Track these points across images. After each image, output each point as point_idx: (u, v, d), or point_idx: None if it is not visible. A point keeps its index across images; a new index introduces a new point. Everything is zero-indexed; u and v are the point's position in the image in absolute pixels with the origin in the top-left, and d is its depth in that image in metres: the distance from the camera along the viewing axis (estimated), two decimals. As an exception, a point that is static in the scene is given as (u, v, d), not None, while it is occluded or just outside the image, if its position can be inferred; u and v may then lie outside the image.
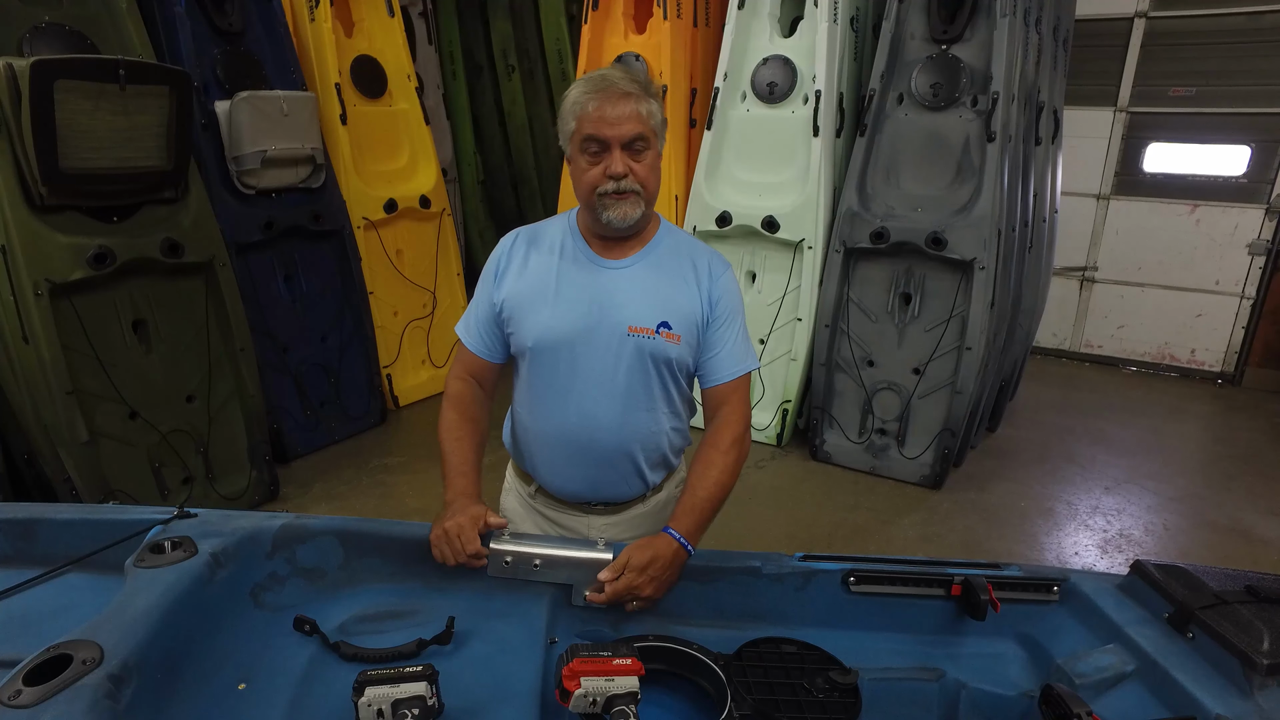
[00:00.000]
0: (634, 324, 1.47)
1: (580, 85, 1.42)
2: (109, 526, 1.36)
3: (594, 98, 1.39)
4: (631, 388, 1.49)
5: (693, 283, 1.52)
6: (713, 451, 1.50)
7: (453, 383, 1.60)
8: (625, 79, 1.41)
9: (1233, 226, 5.50)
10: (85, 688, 0.92)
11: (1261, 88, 5.23)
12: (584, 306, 1.48)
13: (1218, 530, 3.72)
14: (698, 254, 1.57)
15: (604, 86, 1.39)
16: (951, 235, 3.68)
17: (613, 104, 1.38)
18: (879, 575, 1.38)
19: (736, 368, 1.54)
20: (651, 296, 1.49)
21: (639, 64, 4.49)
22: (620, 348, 1.47)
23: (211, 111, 3.56)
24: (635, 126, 1.39)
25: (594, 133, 1.39)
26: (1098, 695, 1.18)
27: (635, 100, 1.39)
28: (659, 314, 1.48)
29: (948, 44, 3.80)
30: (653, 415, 1.53)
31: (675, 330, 1.48)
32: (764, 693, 1.18)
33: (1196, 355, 5.85)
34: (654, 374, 1.50)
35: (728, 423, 1.53)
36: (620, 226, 1.45)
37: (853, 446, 4.20)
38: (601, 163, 1.41)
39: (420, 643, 1.23)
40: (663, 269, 1.53)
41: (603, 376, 1.48)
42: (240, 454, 3.51)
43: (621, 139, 1.39)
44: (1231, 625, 1.16)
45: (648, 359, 1.48)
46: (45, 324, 2.74)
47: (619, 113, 1.38)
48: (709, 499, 1.46)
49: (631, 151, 1.41)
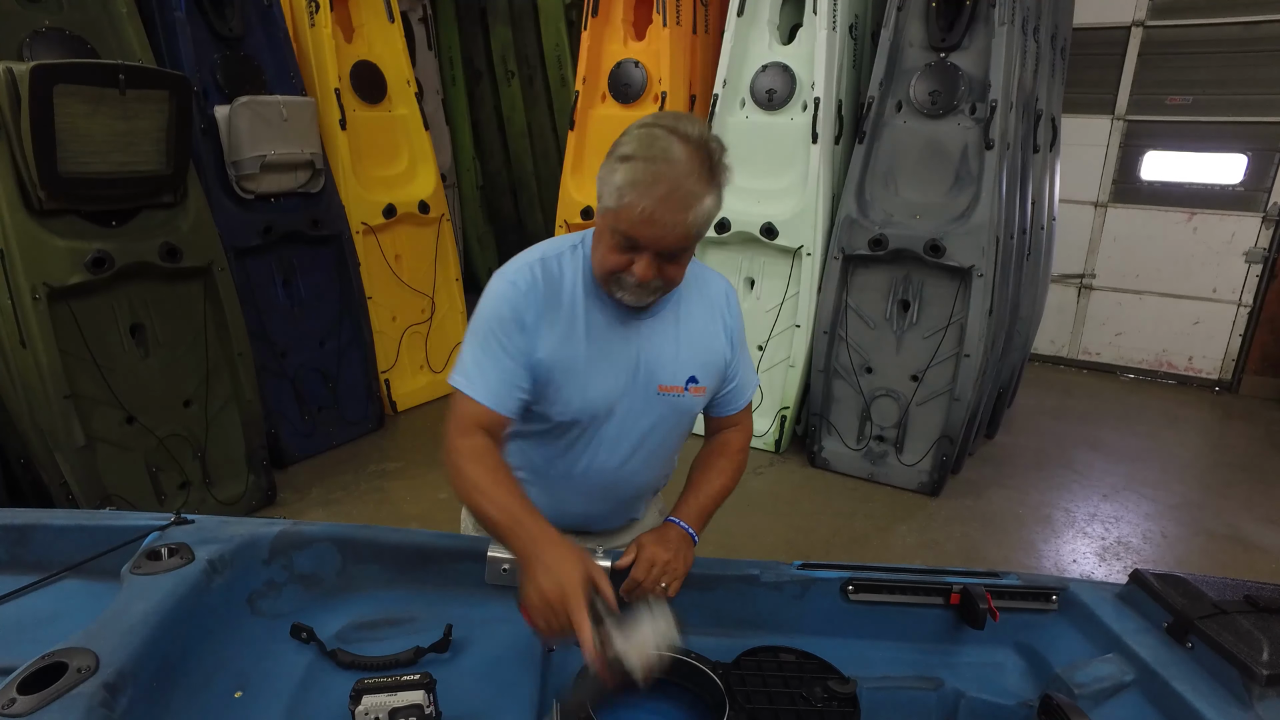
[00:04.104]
0: (664, 383, 1.36)
1: (641, 166, 1.13)
2: (105, 533, 1.35)
3: (651, 196, 1.12)
4: (653, 445, 1.42)
5: (716, 321, 1.41)
6: (721, 459, 1.47)
7: (463, 440, 1.26)
8: (696, 175, 1.14)
9: (1230, 234, 5.52)
10: (80, 696, 0.91)
11: (1258, 96, 5.25)
12: (619, 370, 1.33)
13: (1215, 538, 3.72)
14: (710, 283, 1.44)
15: (669, 189, 1.12)
16: (950, 242, 3.69)
17: (670, 210, 1.13)
18: (878, 584, 1.38)
19: (747, 396, 1.50)
20: (680, 349, 1.37)
21: (638, 71, 4.50)
22: (647, 407, 1.37)
23: (211, 116, 3.56)
24: (682, 240, 1.18)
25: (631, 234, 1.16)
26: (1097, 705, 1.18)
27: (696, 207, 1.15)
28: (688, 369, 1.38)
29: (946, 52, 3.81)
30: (662, 463, 1.50)
31: (702, 383, 1.40)
32: (762, 702, 1.17)
33: (1194, 363, 5.86)
34: (676, 430, 1.44)
35: (736, 434, 1.51)
36: (633, 306, 1.29)
37: (851, 453, 4.19)
38: (628, 257, 1.20)
39: (418, 651, 1.22)
40: (687, 312, 1.38)
41: (628, 436, 1.39)
42: (238, 459, 3.50)
43: (661, 249, 1.18)
44: (1231, 635, 1.15)
45: (676, 418, 1.42)
46: (43, 328, 2.74)
47: (672, 220, 1.14)
48: (713, 500, 1.43)
49: (666, 258, 1.21)
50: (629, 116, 4.53)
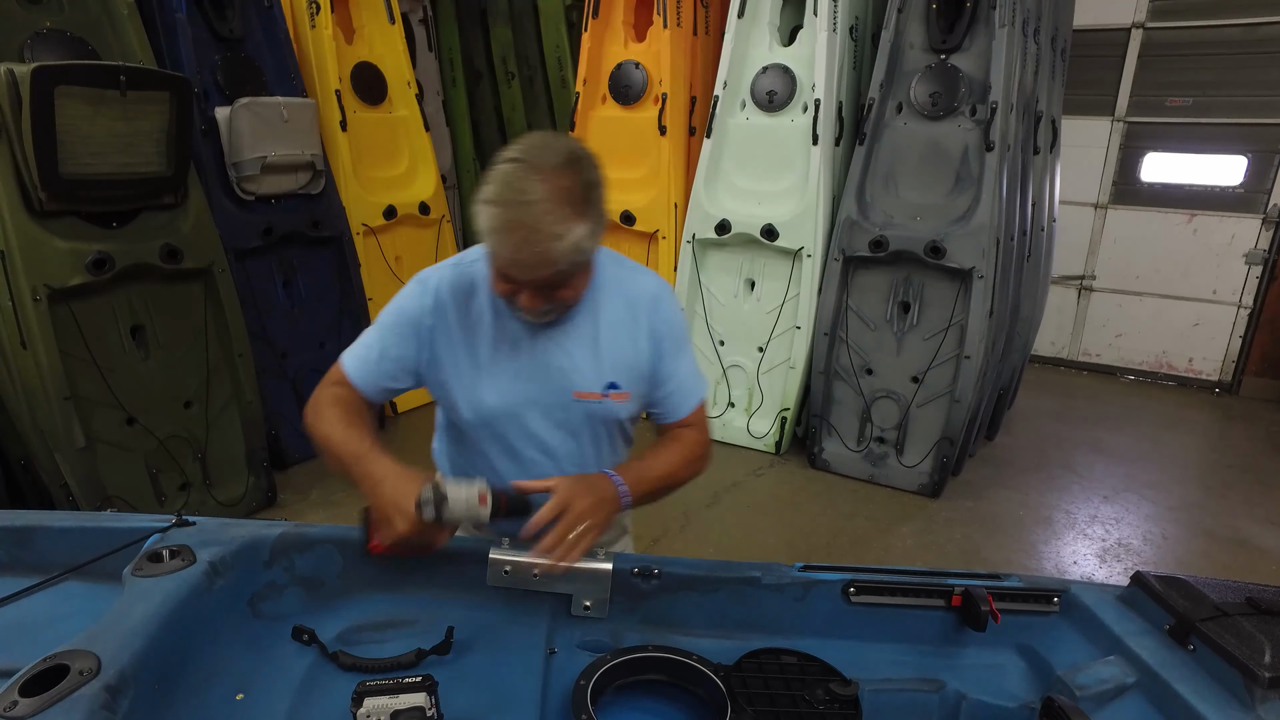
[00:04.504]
0: (580, 389, 1.36)
1: (497, 213, 1.12)
2: (106, 534, 1.35)
3: (509, 243, 1.14)
4: (582, 452, 1.42)
5: (634, 325, 1.38)
6: (673, 443, 1.44)
7: (331, 389, 1.37)
8: (556, 213, 1.12)
9: (1230, 236, 5.52)
10: (81, 699, 0.91)
11: (1258, 98, 5.26)
12: (525, 376, 1.35)
13: (1216, 540, 3.72)
14: (634, 285, 1.41)
15: (527, 233, 1.12)
16: (950, 244, 3.69)
17: (532, 254, 1.14)
18: (879, 586, 1.38)
19: (693, 400, 1.47)
20: (595, 354, 1.36)
21: (639, 72, 4.51)
22: (566, 414, 1.38)
23: (211, 117, 3.56)
24: (553, 277, 1.18)
25: (504, 273, 1.19)
26: (1099, 707, 1.17)
27: (559, 244, 1.14)
28: (605, 374, 1.37)
29: (947, 53, 3.82)
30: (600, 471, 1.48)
31: (624, 388, 1.38)
32: (764, 704, 1.17)
33: (1194, 364, 5.86)
34: (604, 436, 1.44)
35: (693, 430, 1.48)
36: (533, 322, 1.31)
37: (851, 455, 4.19)
38: (513, 287, 1.22)
39: (419, 653, 1.22)
40: (603, 317, 1.37)
41: (548, 444, 1.40)
42: (238, 460, 3.50)
43: (537, 285, 1.20)
44: (1233, 637, 1.15)
45: (599, 424, 1.41)
46: (43, 329, 2.74)
47: (535, 262, 1.15)
48: (658, 475, 1.39)
49: (550, 287, 1.22)
50: (629, 118, 4.60)
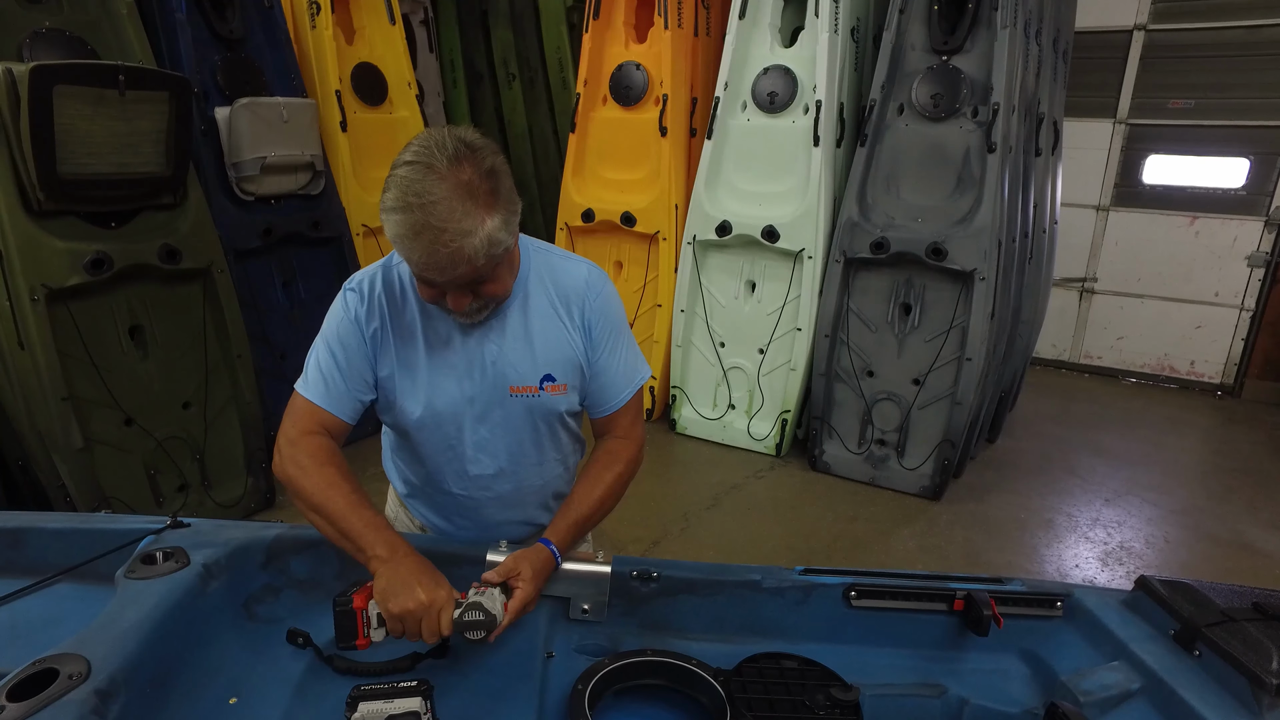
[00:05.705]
0: (515, 384, 1.36)
1: (401, 220, 1.10)
2: (100, 536, 1.34)
3: (418, 249, 1.11)
4: (522, 448, 1.43)
5: (565, 317, 1.38)
6: (603, 470, 1.43)
7: (305, 439, 1.29)
8: (462, 210, 1.10)
9: (1232, 238, 5.51)
10: (70, 703, 0.90)
11: (1260, 100, 5.25)
12: (463, 373, 1.35)
13: (1219, 543, 3.71)
14: (565, 274, 1.40)
15: (434, 236, 1.09)
16: (952, 246, 3.68)
17: (443, 255, 1.12)
18: (880, 590, 1.37)
19: (626, 390, 1.45)
20: (528, 348, 1.36)
21: (639, 73, 4.50)
22: (504, 410, 1.38)
23: (211, 117, 3.55)
24: (471, 274, 1.16)
25: (422, 277, 1.20)
26: (1103, 714, 1.16)
27: (471, 241, 1.11)
28: (540, 368, 1.37)
29: (948, 55, 3.81)
30: (544, 468, 1.48)
31: (560, 380, 1.38)
32: (764, 709, 1.16)
33: (1196, 367, 5.84)
34: (545, 430, 1.43)
35: (620, 441, 1.47)
36: (467, 322, 1.31)
37: (852, 457, 4.18)
38: (438, 289, 1.21)
39: (415, 656, 1.21)
40: (533, 310, 1.37)
41: (490, 442, 1.40)
42: (236, 461, 3.49)
43: (458, 285, 1.19)
44: (1239, 643, 1.14)
45: (537, 419, 1.41)
46: (41, 330, 2.73)
47: (449, 263, 1.13)
48: (588, 518, 1.39)
49: (474, 284, 1.21)
50: (630, 119, 4.59)
